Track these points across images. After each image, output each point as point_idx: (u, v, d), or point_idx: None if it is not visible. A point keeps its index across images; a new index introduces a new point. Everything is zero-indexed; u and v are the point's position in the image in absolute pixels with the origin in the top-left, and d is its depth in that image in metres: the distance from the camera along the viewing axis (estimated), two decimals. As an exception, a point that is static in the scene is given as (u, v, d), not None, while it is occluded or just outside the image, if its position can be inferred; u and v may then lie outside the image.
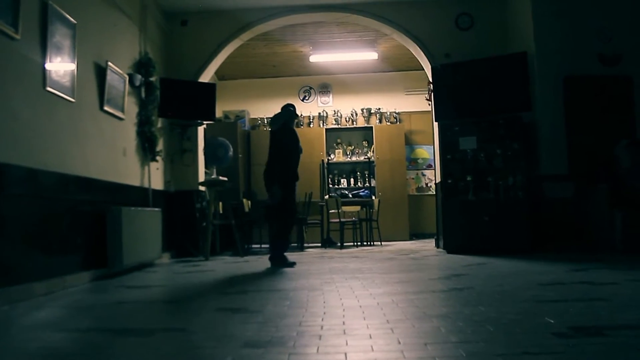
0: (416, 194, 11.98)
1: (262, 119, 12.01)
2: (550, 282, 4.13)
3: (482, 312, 2.92)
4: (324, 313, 3.05)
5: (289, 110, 6.34)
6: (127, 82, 6.29)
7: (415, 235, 11.64)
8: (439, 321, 2.71)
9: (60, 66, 4.72)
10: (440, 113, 7.47)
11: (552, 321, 2.61)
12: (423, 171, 12.06)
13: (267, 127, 11.85)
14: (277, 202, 6.05)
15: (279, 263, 6.03)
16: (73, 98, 4.93)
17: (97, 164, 5.48)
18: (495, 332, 2.44)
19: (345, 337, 2.42)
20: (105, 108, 5.73)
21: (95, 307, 3.73)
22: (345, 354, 2.11)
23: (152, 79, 7.06)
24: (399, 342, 2.29)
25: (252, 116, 12.04)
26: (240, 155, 10.67)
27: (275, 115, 6.36)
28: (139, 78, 6.66)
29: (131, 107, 6.57)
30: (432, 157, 11.64)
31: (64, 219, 4.73)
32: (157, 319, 3.25)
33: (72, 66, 4.93)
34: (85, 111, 5.27)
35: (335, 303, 3.40)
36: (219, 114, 11.45)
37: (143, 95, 6.91)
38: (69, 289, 4.52)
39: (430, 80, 8.04)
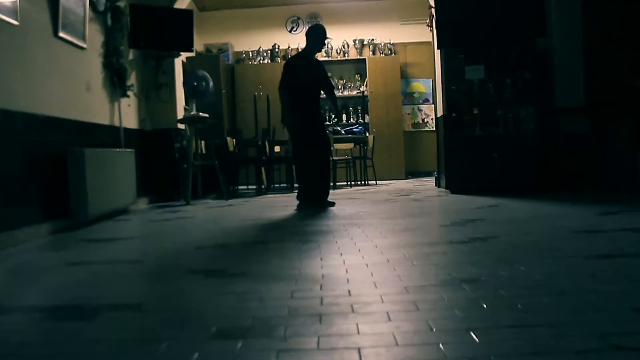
0: (412, 130, 11.29)
1: (246, 52, 11.11)
2: (586, 229, 3.52)
3: (524, 273, 2.30)
4: (322, 277, 2.42)
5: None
6: (87, 4, 5.44)
7: (411, 173, 11.05)
8: (473, 290, 2.07)
9: (-3, -20, 3.90)
10: (444, 40, 6.69)
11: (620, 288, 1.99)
12: (419, 106, 11.32)
13: (252, 61, 11.04)
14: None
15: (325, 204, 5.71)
16: (16, 20, 4.11)
17: (54, 99, 4.72)
18: (554, 306, 1.82)
19: (355, 318, 1.78)
20: (61, 35, 4.91)
21: (43, 271, 3.05)
22: (359, 350, 1.48)
23: (120, 3, 6.21)
24: (432, 329, 1.64)
25: (235, 49, 11.14)
26: (223, 91, 9.88)
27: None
28: (102, 2, 5.81)
29: (95, 36, 5.75)
30: (430, 91, 10.92)
31: (11, 165, 4.02)
32: (111, 289, 2.54)
33: (13, -19, 4.11)
34: (34, 37, 4.46)
35: (335, 261, 2.77)
36: (200, 47, 10.60)
37: (109, 22, 6.06)
38: (20, 246, 3.84)
39: (432, 4, 7.23)
